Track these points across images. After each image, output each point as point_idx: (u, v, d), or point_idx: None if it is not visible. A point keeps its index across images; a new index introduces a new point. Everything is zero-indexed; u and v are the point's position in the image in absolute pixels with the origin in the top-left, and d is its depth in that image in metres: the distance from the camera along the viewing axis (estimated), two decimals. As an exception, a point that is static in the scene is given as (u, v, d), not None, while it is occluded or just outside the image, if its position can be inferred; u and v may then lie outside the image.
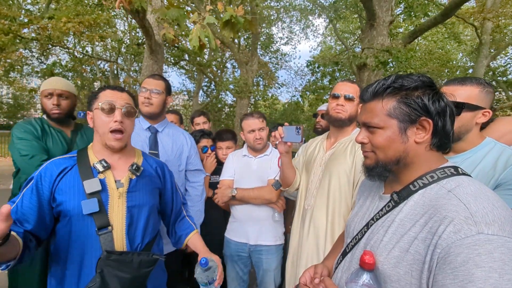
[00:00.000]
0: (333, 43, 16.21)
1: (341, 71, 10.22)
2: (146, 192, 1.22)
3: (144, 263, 1.10)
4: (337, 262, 0.91)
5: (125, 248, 1.11)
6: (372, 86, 0.79)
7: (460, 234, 0.58)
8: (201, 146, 2.22)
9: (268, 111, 15.05)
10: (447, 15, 5.59)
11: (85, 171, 1.11)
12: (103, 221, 1.08)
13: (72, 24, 5.95)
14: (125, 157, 1.22)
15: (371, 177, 0.83)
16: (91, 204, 1.06)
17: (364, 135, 0.82)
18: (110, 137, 1.12)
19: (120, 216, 1.12)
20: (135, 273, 1.07)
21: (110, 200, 1.11)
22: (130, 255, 1.08)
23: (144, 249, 1.18)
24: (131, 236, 1.14)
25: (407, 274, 0.66)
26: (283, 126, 1.49)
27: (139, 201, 1.18)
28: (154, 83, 1.78)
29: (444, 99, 0.74)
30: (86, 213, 1.06)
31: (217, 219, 2.20)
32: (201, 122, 2.86)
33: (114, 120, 1.11)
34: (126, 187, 1.16)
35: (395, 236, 0.71)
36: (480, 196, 0.64)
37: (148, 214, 1.21)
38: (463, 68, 13.11)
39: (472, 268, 0.55)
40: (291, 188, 1.71)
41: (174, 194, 1.41)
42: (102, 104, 1.11)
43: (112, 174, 1.15)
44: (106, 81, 11.85)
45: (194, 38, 1.74)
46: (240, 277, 2.04)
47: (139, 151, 1.34)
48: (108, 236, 1.08)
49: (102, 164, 1.13)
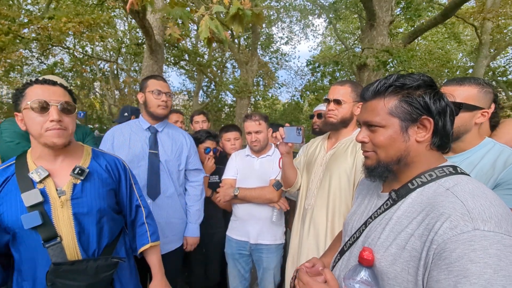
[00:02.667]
0: (333, 43, 16.21)
1: (341, 71, 10.22)
2: (94, 196, 1.12)
3: (102, 268, 1.05)
4: (335, 260, 0.92)
5: (80, 256, 1.06)
6: (374, 85, 0.79)
7: (456, 230, 0.59)
8: (205, 147, 2.21)
9: (268, 111, 15.04)
10: (447, 15, 5.59)
11: (24, 182, 1.02)
12: (50, 233, 1.01)
13: (72, 24, 5.96)
14: (69, 159, 1.11)
15: (372, 177, 0.83)
16: (31, 218, 0.99)
17: (365, 134, 0.82)
18: (48, 134, 1.01)
19: (68, 225, 1.05)
20: (92, 280, 1.03)
21: (53, 210, 1.03)
22: (84, 263, 1.03)
23: (104, 253, 1.12)
24: (84, 244, 1.07)
25: (403, 271, 0.66)
26: (284, 127, 1.50)
27: (86, 207, 1.09)
28: (167, 86, 1.81)
29: (444, 99, 0.75)
30: (27, 227, 0.99)
31: (217, 217, 2.21)
32: (200, 120, 2.92)
33: (50, 120, 1.00)
34: (69, 194, 1.06)
35: (392, 234, 0.72)
36: (478, 194, 0.64)
37: (99, 219, 1.12)
38: (463, 68, 13.10)
39: (467, 264, 0.55)
40: (292, 189, 1.71)
41: (129, 193, 1.28)
42: (31, 103, 0.98)
43: (53, 181, 1.06)
44: (106, 81, 11.86)
45: (204, 30, 1.68)
46: (242, 275, 2.06)
47: (89, 149, 1.22)
48: (58, 247, 1.02)
49: (38, 173, 1.03)
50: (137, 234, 1.30)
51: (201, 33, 1.68)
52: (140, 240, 1.29)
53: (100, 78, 11.43)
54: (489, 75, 11.21)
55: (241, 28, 1.77)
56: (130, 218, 1.30)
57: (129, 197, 1.28)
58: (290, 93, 20.06)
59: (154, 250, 1.30)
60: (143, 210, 1.32)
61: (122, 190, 1.25)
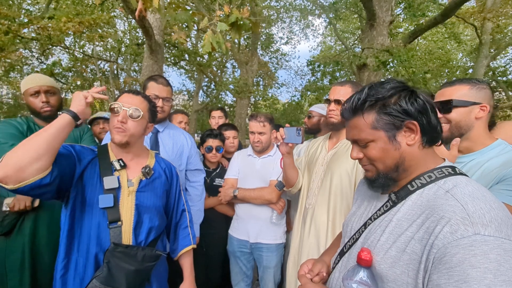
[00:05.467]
0: (333, 43, 16.21)
1: (341, 71, 10.22)
2: (153, 193, 1.28)
3: (148, 258, 1.16)
4: (335, 261, 0.92)
5: (131, 242, 1.17)
6: (349, 103, 0.80)
7: (456, 235, 0.59)
8: (206, 146, 2.25)
9: (268, 111, 15.04)
10: (447, 15, 5.58)
11: (105, 167, 1.20)
12: (115, 216, 1.15)
13: (72, 24, 5.94)
14: (137, 158, 1.30)
15: (375, 188, 0.83)
16: (107, 199, 1.14)
17: (357, 150, 0.82)
18: (113, 131, 1.21)
19: (129, 213, 1.19)
20: (139, 266, 1.12)
21: (121, 197, 1.19)
22: (135, 249, 1.14)
23: (148, 245, 1.23)
24: (136, 232, 1.20)
25: (403, 274, 0.66)
26: (284, 128, 1.50)
27: (146, 201, 1.25)
28: (165, 91, 1.77)
29: (420, 97, 0.75)
30: (101, 206, 1.13)
31: (218, 217, 2.23)
32: (217, 116, 3.03)
33: (117, 120, 1.19)
34: (136, 186, 1.23)
35: (392, 236, 0.72)
36: (477, 196, 0.64)
37: (154, 214, 1.27)
38: (463, 68, 13.09)
39: (468, 269, 0.55)
40: (294, 189, 1.71)
41: (177, 197, 1.44)
42: (111, 105, 1.21)
43: (126, 173, 1.24)
44: (106, 81, 11.85)
45: (207, 45, 1.80)
46: (244, 272, 2.08)
47: (152, 153, 1.41)
48: (117, 230, 1.15)
49: (120, 163, 1.22)
50: (180, 236, 1.43)
51: (204, 47, 1.77)
52: (182, 242, 1.42)
53: (100, 78, 11.42)
54: (489, 75, 11.19)
55: (239, 36, 1.87)
56: (175, 220, 1.44)
57: (177, 201, 1.44)
58: (290, 93, 20.07)
59: (189, 253, 1.43)
60: (187, 215, 1.47)
61: (172, 193, 1.41)
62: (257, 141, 1.99)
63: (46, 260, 1.57)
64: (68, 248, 1.14)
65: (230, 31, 1.85)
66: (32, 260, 1.55)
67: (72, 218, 1.15)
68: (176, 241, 1.42)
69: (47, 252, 1.58)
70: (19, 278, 1.52)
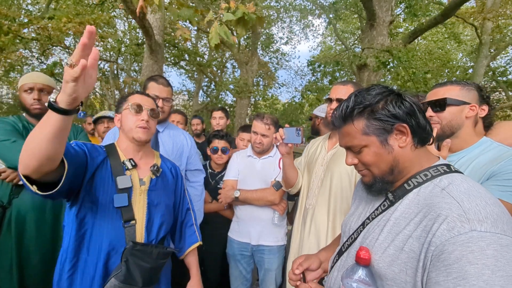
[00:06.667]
0: (333, 43, 16.21)
1: (341, 71, 10.22)
2: (163, 192, 1.31)
3: (161, 255, 1.18)
4: (333, 261, 0.93)
5: (143, 240, 1.19)
6: (338, 112, 0.82)
7: (453, 232, 0.59)
8: (212, 147, 2.22)
9: (268, 111, 15.05)
10: (447, 15, 5.59)
11: (117, 167, 1.21)
12: (129, 215, 1.16)
13: (72, 24, 5.94)
14: (146, 158, 1.32)
15: (373, 193, 0.84)
16: (122, 199, 1.15)
17: (352, 156, 0.83)
18: (137, 130, 1.23)
19: (142, 212, 1.21)
20: (154, 263, 1.14)
21: (134, 196, 1.20)
22: (150, 247, 1.16)
23: (158, 243, 1.25)
24: (148, 231, 1.21)
25: (401, 272, 0.67)
26: (283, 128, 1.50)
27: (157, 199, 1.27)
28: (165, 91, 1.77)
29: (407, 99, 0.76)
30: (116, 206, 1.14)
31: (217, 217, 2.21)
32: (218, 116, 3.04)
33: (141, 119, 1.23)
34: (147, 185, 1.25)
35: (390, 235, 0.72)
36: (473, 193, 0.65)
37: (164, 212, 1.29)
38: (463, 68, 13.08)
39: (466, 265, 0.55)
40: (293, 189, 1.71)
41: (182, 196, 1.46)
42: (132, 105, 1.24)
43: (137, 172, 1.25)
44: (106, 81, 11.85)
45: (215, 37, 1.76)
46: (243, 275, 2.06)
47: (157, 153, 1.43)
48: (132, 229, 1.16)
49: (131, 162, 1.23)
50: (186, 234, 1.44)
51: (211, 40, 1.73)
52: (189, 240, 1.43)
53: (100, 78, 11.42)
54: (489, 75, 11.20)
55: (245, 31, 1.84)
56: (180, 219, 1.45)
57: (182, 199, 1.46)
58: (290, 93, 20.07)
59: (194, 251, 1.45)
60: (192, 214, 1.49)
61: (177, 192, 1.43)
62: (259, 142, 1.96)
63: (34, 261, 1.56)
64: (77, 248, 1.12)
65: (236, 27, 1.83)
66: (19, 262, 1.54)
67: (81, 218, 1.13)
68: (183, 239, 1.43)
69: (35, 253, 1.56)
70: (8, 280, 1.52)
